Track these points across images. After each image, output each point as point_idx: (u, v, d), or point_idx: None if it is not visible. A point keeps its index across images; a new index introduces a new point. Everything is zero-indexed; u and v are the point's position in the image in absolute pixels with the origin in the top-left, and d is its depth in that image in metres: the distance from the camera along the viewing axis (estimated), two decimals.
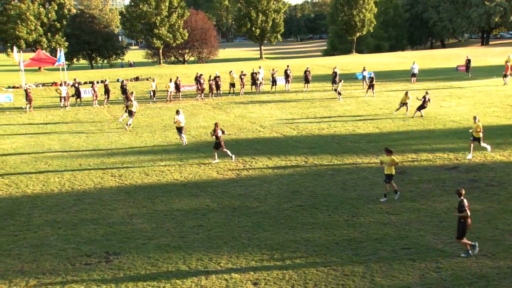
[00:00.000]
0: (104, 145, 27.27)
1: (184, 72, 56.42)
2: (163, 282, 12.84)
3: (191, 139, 28.20)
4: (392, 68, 58.47)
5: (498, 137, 25.65)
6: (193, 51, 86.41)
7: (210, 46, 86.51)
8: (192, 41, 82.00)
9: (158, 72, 58.65)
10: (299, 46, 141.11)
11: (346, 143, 25.90)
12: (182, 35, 73.28)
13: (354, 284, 12.42)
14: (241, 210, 17.57)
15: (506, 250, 13.82)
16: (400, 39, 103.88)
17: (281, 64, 60.03)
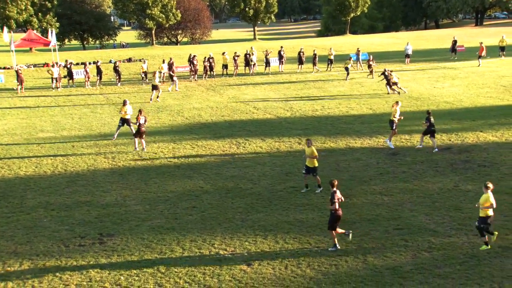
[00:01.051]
0: (97, 127, 27.14)
1: (177, 53, 55.99)
2: (156, 264, 12.89)
3: (185, 120, 28.10)
4: (386, 49, 58.27)
5: (491, 118, 25.73)
6: (186, 32, 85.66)
7: (203, 27, 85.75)
8: (185, 22, 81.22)
9: (150, 53, 58.18)
10: (293, 27, 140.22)
11: (340, 125, 25.91)
12: (175, 15, 72.57)
13: (347, 264, 12.52)
14: (234, 192, 17.60)
15: (497, 230, 13.92)
16: (394, 20, 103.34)
17: (274, 45, 59.70)
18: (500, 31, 68.58)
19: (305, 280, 11.85)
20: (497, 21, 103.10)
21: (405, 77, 38.84)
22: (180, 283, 11.97)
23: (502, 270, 11.91)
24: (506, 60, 44.32)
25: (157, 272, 12.47)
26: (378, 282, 11.61)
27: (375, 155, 20.94)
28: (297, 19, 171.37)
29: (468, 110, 27.87)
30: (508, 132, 23.20)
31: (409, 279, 11.68)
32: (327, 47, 50.21)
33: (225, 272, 12.38)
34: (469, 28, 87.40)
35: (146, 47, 71.79)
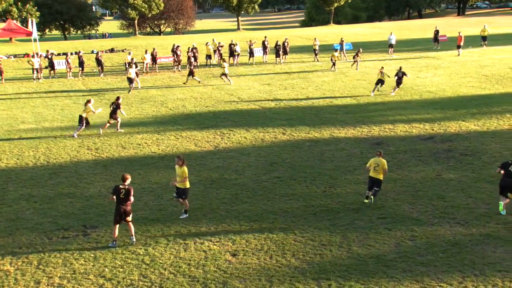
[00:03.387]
0: None
1: (160, 43, 55.58)
2: (141, 255, 12.84)
3: (169, 111, 27.95)
4: (370, 39, 58.45)
5: (473, 107, 25.99)
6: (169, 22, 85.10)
7: (186, 17, 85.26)
8: (168, 12, 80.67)
9: (133, 44, 57.68)
10: (277, 17, 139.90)
11: (324, 115, 25.97)
12: (158, 5, 71.98)
13: (331, 253, 12.60)
14: (219, 182, 17.58)
15: (478, 218, 14.13)
16: (378, 10, 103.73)
17: (258, 35, 59.52)
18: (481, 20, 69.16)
19: (290, 270, 11.91)
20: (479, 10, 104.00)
21: (389, 67, 38.97)
22: (165, 274, 11.95)
23: (483, 257, 12.08)
24: (487, 50, 44.75)
25: (141, 264, 12.43)
26: (362, 271, 11.70)
27: (359, 145, 21.05)
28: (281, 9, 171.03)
29: (451, 99, 28.11)
30: (489, 121, 23.47)
31: (393, 267, 11.79)
32: (311, 37, 50.22)
33: (210, 262, 12.38)
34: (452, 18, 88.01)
35: (129, 37, 71.16)
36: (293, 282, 11.38)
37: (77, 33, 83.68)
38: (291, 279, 11.52)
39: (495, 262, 11.82)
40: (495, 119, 23.70)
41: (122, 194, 13.32)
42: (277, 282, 11.43)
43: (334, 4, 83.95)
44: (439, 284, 11.08)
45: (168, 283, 11.55)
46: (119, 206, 13.33)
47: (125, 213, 13.37)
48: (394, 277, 11.39)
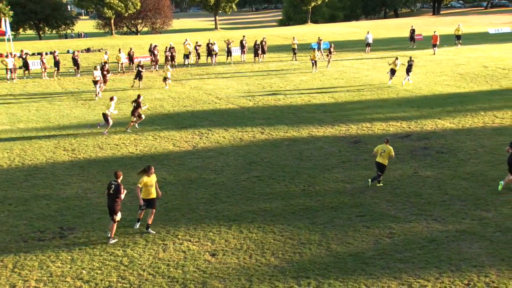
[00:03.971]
0: (56, 119, 26.49)
1: (137, 43, 55.12)
2: (119, 256, 12.72)
3: (146, 111, 27.70)
4: (347, 38, 58.84)
5: (449, 105, 26.35)
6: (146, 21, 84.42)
7: (163, 16, 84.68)
8: (145, 11, 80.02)
9: (110, 43, 57.09)
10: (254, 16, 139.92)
11: (302, 114, 26.06)
12: (134, 4, 71.33)
13: (311, 252, 12.64)
14: (198, 182, 17.51)
15: (454, 215, 14.33)
16: (355, 9, 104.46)
17: (236, 34, 59.45)
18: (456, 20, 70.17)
19: (270, 269, 11.92)
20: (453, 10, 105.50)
21: (365, 65, 39.36)
22: (144, 275, 11.85)
23: (459, 253, 12.26)
24: (462, 49, 45.43)
25: (120, 265, 12.31)
26: (341, 269, 11.77)
27: (337, 144, 21.17)
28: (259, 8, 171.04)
29: (427, 98, 28.46)
30: (464, 119, 23.81)
31: (371, 265, 11.89)
32: (289, 37, 50.34)
33: (189, 263, 12.33)
34: (427, 17, 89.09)
35: (105, 37, 70.40)
36: (272, 281, 11.39)
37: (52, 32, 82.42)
38: (270, 278, 11.53)
39: (471, 258, 12.00)
40: (470, 117, 24.06)
41: (112, 189, 13.41)
42: (257, 281, 11.43)
43: (312, 3, 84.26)
44: (416, 280, 11.20)
45: (147, 284, 11.46)
46: (108, 201, 13.48)
47: (110, 209, 13.37)
48: (373, 274, 11.48)
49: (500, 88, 29.88)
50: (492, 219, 13.93)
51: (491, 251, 12.26)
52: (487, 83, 31.24)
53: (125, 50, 42.83)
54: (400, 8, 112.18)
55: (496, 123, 23.01)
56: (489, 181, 16.53)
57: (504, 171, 17.23)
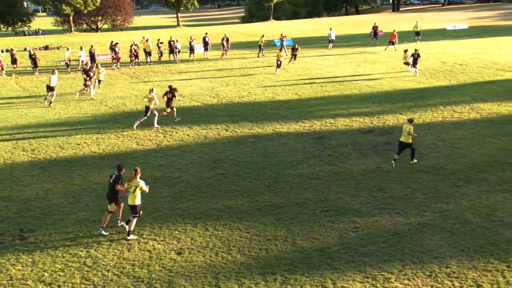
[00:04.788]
0: (14, 118, 25.79)
1: (98, 40, 54.17)
2: (83, 257, 12.49)
3: (108, 110, 27.30)
4: (309, 34, 59.25)
5: (409, 101, 26.85)
6: (107, 19, 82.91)
7: (124, 13, 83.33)
8: (105, 8, 78.60)
9: (69, 41, 55.93)
10: (217, 13, 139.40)
11: (266, 110, 26.12)
12: (94, 1, 70.03)
13: (277, 248, 12.69)
14: (162, 181, 17.34)
15: (416, 208, 14.63)
16: (316, 6, 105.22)
17: (199, 31, 59.12)
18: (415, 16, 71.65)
19: (236, 266, 11.91)
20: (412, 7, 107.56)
21: (328, 62, 39.73)
22: (108, 276, 11.67)
23: (421, 245, 12.52)
24: (421, 45, 46.31)
25: (83, 266, 12.09)
26: (307, 264, 11.86)
27: (301, 140, 21.31)
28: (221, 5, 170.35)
29: (388, 93, 28.93)
30: (425, 114, 24.32)
31: (337, 259, 12.02)
32: (252, 33, 50.35)
33: (155, 262, 12.20)
34: (387, 14, 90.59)
35: (64, 34, 68.91)
36: (239, 278, 11.39)
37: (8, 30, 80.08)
38: (237, 275, 11.53)
39: (432, 250, 12.28)
40: (430, 112, 24.59)
41: (112, 179, 13.74)
42: (223, 278, 11.41)
43: (274, 0, 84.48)
44: (380, 273, 11.39)
45: (112, 285, 11.29)
46: (108, 192, 13.89)
47: (108, 197, 13.82)
48: (338, 269, 11.61)
49: (458, 83, 30.64)
50: (452, 211, 14.29)
51: (452, 243, 12.57)
52: (445, 79, 31.99)
53: (86, 47, 41.99)
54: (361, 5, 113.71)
55: (454, 117, 23.59)
56: (449, 174, 16.95)
57: (463, 164, 17.71)
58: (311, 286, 11.01)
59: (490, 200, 14.87)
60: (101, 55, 43.63)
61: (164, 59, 42.21)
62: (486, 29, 58.49)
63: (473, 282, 10.92)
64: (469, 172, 17.08)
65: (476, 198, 15.08)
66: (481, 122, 22.57)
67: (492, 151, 18.99)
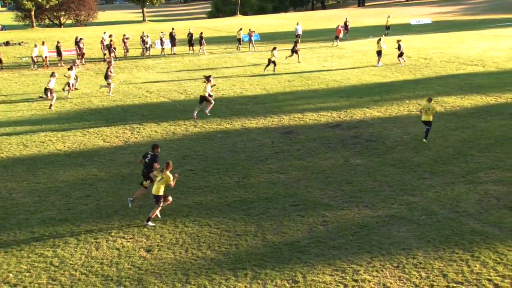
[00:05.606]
0: None
1: (61, 36, 53.08)
2: (49, 257, 12.25)
3: (74, 107, 26.81)
4: (277, 29, 59.38)
5: (376, 95, 27.21)
6: (70, 14, 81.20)
7: (88, 8, 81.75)
8: (68, 3, 76.95)
9: (31, 36, 54.65)
10: (183, 8, 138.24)
11: (235, 106, 26.07)
12: None
13: (247, 243, 12.70)
14: (130, 178, 17.13)
15: (384, 200, 14.85)
16: (283, 1, 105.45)
17: (165, 27, 58.56)
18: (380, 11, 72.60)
19: (206, 262, 11.87)
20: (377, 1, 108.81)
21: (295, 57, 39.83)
22: (76, 275, 11.48)
23: (389, 237, 12.72)
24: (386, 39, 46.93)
25: (50, 266, 11.86)
26: (277, 258, 11.91)
27: (270, 135, 21.36)
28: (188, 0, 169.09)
29: (355, 87, 29.24)
30: (391, 107, 24.68)
31: (306, 253, 12.11)
32: (219, 29, 50.15)
33: (123, 260, 12.06)
34: (353, 9, 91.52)
35: (26, 30, 67.30)
36: (209, 274, 11.36)
37: None
38: (207, 271, 11.50)
39: (400, 241, 12.49)
40: (396, 106, 24.97)
41: (147, 159, 14.60)
42: (194, 275, 11.37)
43: None
44: (350, 266, 11.52)
45: (80, 284, 11.11)
46: (143, 170, 14.70)
47: (144, 175, 14.70)
48: (308, 262, 11.70)
49: (422, 77, 31.18)
50: (419, 203, 14.56)
51: (418, 234, 12.81)
52: (410, 73, 32.52)
53: (49, 43, 41.07)
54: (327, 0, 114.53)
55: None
56: (415, 167, 17.25)
57: (428, 157, 18.05)
58: (281, 280, 11.07)
59: (454, 192, 15.21)
60: (65, 51, 42.75)
61: (130, 54, 41.66)
62: (449, 24, 59.69)
63: (439, 272, 11.16)
64: (434, 164, 17.43)
65: (441, 189, 15.40)
66: (445, 115, 23.04)
67: (455, 143, 19.42)
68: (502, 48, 40.09)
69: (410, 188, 15.63)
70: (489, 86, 27.59)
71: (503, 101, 24.81)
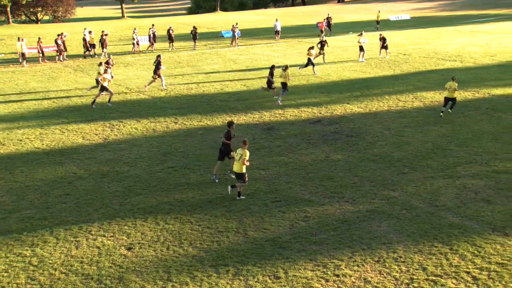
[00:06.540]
0: None
1: (38, 32, 52.30)
2: (28, 257, 12.08)
3: (52, 104, 26.47)
4: (256, 25, 59.32)
5: (356, 90, 27.36)
6: (47, 10, 79.98)
7: (65, 4, 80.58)
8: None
9: (7, 33, 53.78)
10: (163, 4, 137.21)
11: (215, 102, 26.00)
12: None
13: (228, 239, 12.69)
14: (110, 176, 16.99)
15: (364, 195, 14.96)
16: None
17: (145, 23, 58.08)
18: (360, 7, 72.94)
19: (188, 259, 11.83)
20: None
21: (276, 53, 39.92)
22: (55, 274, 11.35)
23: (370, 232, 12.82)
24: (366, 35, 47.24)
25: (29, 266, 11.70)
26: (259, 255, 11.92)
27: (251, 131, 21.34)
28: None
29: (336, 83, 29.36)
30: (371, 103, 24.84)
31: (288, 249, 12.14)
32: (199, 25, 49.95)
33: (104, 258, 11.96)
34: (332, 5, 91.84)
35: (2, 26, 66.14)
36: (191, 271, 11.33)
37: None
38: (189, 268, 11.46)
39: (380, 236, 12.60)
40: (376, 101, 25.14)
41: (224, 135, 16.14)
42: (175, 272, 11.32)
43: None
44: (331, 260, 11.59)
45: (59, 284, 10.99)
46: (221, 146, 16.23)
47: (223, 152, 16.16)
48: (290, 258, 11.73)
49: (401, 72, 31.44)
50: (399, 198, 14.69)
51: (398, 228, 12.94)
52: (390, 68, 32.76)
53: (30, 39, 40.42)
54: None
55: (399, 106, 24.22)
56: (395, 162, 17.40)
57: (408, 152, 18.22)
58: (263, 276, 11.08)
59: (433, 186, 15.38)
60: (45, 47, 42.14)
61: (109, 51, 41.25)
62: (428, 19, 60.25)
63: (418, 265, 11.28)
64: (414, 159, 17.60)
65: (420, 184, 15.56)
66: (424, 110, 23.27)
67: (434, 138, 19.63)
68: (479, 43, 40.63)
69: (390, 183, 15.76)
70: (467, 81, 27.93)
71: (480, 96, 25.15)
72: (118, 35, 51.83)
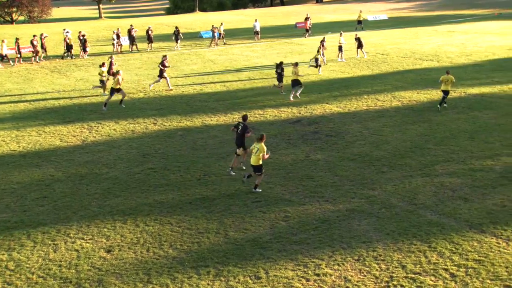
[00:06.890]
0: None
1: (13, 33, 51.48)
2: (4, 261, 11.88)
3: (28, 106, 26.09)
4: (236, 26, 59.26)
5: (335, 90, 27.52)
6: (22, 10, 78.75)
7: (41, 4, 79.41)
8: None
9: None
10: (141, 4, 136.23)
11: (195, 103, 25.91)
12: None
13: (209, 240, 12.65)
14: (89, 178, 16.81)
15: (344, 195, 15.05)
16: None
17: (123, 23, 57.59)
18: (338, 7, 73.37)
19: (168, 261, 11.76)
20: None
21: (255, 53, 39.96)
22: (33, 278, 11.18)
23: (350, 231, 12.90)
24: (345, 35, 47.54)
25: (5, 270, 11.51)
26: (239, 255, 11.91)
27: (231, 132, 21.27)
28: None
29: (315, 83, 29.48)
30: (350, 103, 25.01)
31: (268, 249, 12.15)
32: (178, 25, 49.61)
33: (83, 261, 11.82)
34: (311, 5, 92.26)
35: None
36: (171, 273, 11.26)
37: None
38: (169, 269, 11.40)
39: (360, 235, 12.68)
40: (355, 101, 25.32)
41: (239, 129, 16.61)
42: (155, 274, 11.24)
43: None
44: (311, 260, 11.63)
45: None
46: (236, 139, 16.70)
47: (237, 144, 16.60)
48: (270, 258, 11.74)
49: (380, 72, 31.72)
50: (378, 197, 14.81)
51: (378, 227, 13.04)
52: (368, 68, 33.02)
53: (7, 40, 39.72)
54: None
55: (378, 105, 24.43)
56: (374, 161, 17.54)
57: (387, 151, 18.38)
58: (244, 276, 11.08)
59: (412, 185, 15.55)
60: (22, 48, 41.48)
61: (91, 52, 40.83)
62: (405, 19, 60.91)
63: (398, 263, 11.39)
64: (393, 158, 17.77)
65: (399, 183, 15.71)
66: (402, 110, 23.51)
67: (413, 137, 19.84)
68: (455, 43, 41.20)
69: (370, 182, 15.88)
70: None
71: (457, 95, 25.50)
72: (95, 36, 51.32)
